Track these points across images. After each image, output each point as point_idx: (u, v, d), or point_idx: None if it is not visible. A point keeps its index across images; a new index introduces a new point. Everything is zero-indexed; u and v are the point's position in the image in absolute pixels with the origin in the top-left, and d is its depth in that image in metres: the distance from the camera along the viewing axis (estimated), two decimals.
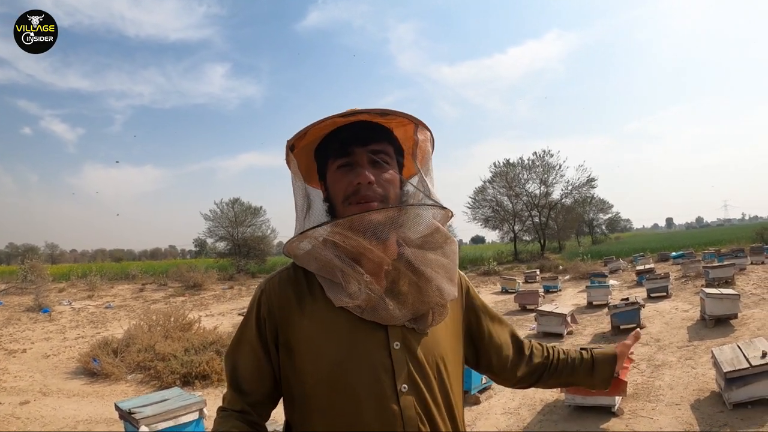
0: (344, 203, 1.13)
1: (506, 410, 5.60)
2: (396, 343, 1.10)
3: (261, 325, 1.16)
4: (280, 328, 1.14)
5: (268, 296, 1.17)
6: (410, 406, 1.07)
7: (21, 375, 8.30)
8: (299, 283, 1.18)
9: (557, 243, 40.05)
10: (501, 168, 37.33)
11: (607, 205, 58.56)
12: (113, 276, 30.06)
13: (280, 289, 1.17)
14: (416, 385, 1.09)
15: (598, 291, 12.71)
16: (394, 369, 1.08)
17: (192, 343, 8.47)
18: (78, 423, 5.96)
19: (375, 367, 1.08)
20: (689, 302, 11.08)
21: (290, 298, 1.15)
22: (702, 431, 4.51)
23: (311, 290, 1.16)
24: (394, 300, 1.12)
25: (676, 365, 6.59)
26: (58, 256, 72.93)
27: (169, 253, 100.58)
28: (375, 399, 1.06)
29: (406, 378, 1.09)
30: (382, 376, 1.08)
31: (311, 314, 1.13)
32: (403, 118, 1.18)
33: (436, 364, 1.14)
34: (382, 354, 1.09)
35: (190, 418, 4.85)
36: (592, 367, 1.38)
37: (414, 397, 1.09)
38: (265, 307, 1.16)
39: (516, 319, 11.90)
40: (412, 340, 1.12)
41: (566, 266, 23.60)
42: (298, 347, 1.11)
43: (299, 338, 1.12)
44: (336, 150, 1.16)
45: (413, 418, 1.07)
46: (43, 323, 14.05)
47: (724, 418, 4.70)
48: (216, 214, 35.88)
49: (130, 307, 17.85)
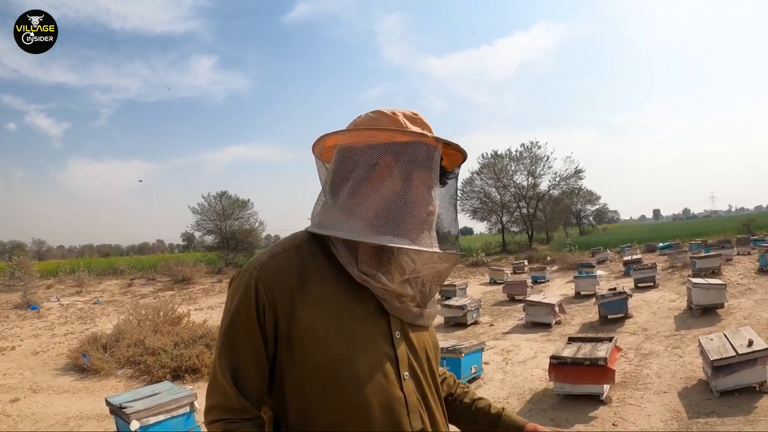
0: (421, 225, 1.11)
1: (495, 399, 5.64)
2: (397, 332, 1.12)
3: (260, 317, 1.05)
4: (280, 319, 1.05)
5: (265, 284, 1.06)
6: (412, 392, 1.10)
7: (10, 372, 8.23)
8: (303, 268, 1.09)
9: (545, 234, 40.31)
10: (489, 159, 37.51)
11: (594, 197, 58.80)
12: (101, 271, 29.91)
13: (279, 277, 1.07)
14: (414, 372, 1.13)
15: (585, 281, 12.84)
16: (398, 357, 1.11)
17: (182, 337, 8.44)
18: (69, 419, 5.92)
19: (381, 358, 1.08)
20: (676, 292, 11.22)
21: (291, 286, 1.06)
22: (689, 418, 4.57)
23: (320, 272, 1.10)
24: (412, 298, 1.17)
25: (663, 354, 6.68)
26: (45, 253, 72.34)
27: (157, 247, 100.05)
28: (382, 388, 1.07)
29: (407, 366, 1.11)
30: (388, 365, 1.09)
31: (313, 303, 1.06)
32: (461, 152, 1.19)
33: (426, 354, 1.18)
34: (386, 343, 1.10)
35: (181, 411, 4.86)
36: (495, 423, 1.31)
37: (413, 383, 1.12)
38: (263, 297, 1.05)
39: (504, 309, 11.99)
40: (408, 330, 1.16)
41: (554, 257, 23.75)
42: (300, 339, 1.05)
43: (300, 329, 1.05)
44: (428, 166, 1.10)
45: (414, 403, 1.10)
46: (31, 320, 13.97)
47: (711, 406, 4.77)
48: (204, 208, 35.85)
49: (119, 302, 17.76)
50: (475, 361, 6.36)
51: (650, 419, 4.67)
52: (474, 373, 6.29)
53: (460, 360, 5.96)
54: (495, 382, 6.28)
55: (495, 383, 6.25)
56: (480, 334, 9.46)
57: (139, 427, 4.54)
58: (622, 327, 8.61)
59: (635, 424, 4.59)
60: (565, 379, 5.27)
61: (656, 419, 4.66)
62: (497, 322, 10.54)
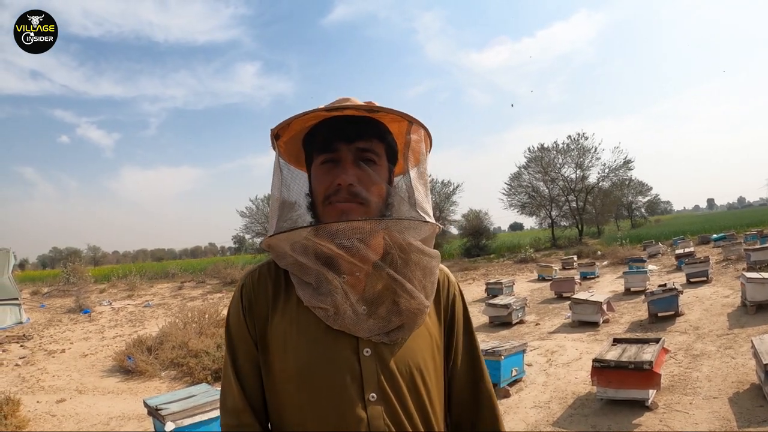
0: (324, 203, 1.07)
1: (536, 404, 5.46)
2: (366, 349, 1.04)
3: (246, 320, 1.11)
4: (257, 323, 1.10)
5: (248, 291, 1.12)
6: (378, 417, 1.00)
7: (59, 374, 8.49)
8: (278, 278, 1.13)
9: (596, 228, 39.31)
10: (535, 153, 36.79)
11: (645, 188, 57.02)
12: (153, 275, 30.75)
13: (259, 284, 1.12)
14: (386, 396, 1.02)
15: (635, 277, 12.39)
16: (363, 376, 1.02)
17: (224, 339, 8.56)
18: (111, 419, 6.06)
19: (342, 372, 1.02)
20: (730, 287, 10.69)
21: (267, 293, 1.11)
22: (739, 427, 4.27)
23: (287, 286, 1.11)
24: (368, 306, 1.05)
25: (715, 355, 6.33)
26: (100, 258, 75.08)
27: (209, 250, 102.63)
28: (340, 405, 1.00)
29: (375, 387, 1.02)
30: (349, 383, 1.01)
31: (283, 312, 1.08)
32: (396, 115, 1.08)
33: (410, 375, 1.06)
34: (351, 359, 1.03)
35: (216, 414, 4.88)
36: None
37: (383, 407, 1.01)
38: (246, 301, 1.11)
39: (552, 307, 11.69)
40: (384, 348, 1.05)
41: (604, 251, 23.09)
42: (271, 344, 1.07)
43: (272, 335, 1.07)
44: (320, 144, 1.09)
45: (381, 428, 1.00)
46: (83, 323, 14.41)
47: (764, 414, 4.43)
48: (252, 211, 36.21)
49: (168, 305, 18.17)
50: (516, 363, 6.17)
51: (697, 427, 4.38)
52: (515, 376, 6.11)
53: (500, 363, 5.78)
54: (537, 386, 6.09)
55: (537, 386, 6.05)
56: (525, 333, 9.22)
57: (174, 429, 4.60)
58: (673, 325, 8.24)
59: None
60: (609, 383, 5.03)
61: (704, 427, 4.37)
62: (543, 321, 10.26)
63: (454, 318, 1.21)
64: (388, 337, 1.05)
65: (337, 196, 1.05)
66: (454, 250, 35.19)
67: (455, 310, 1.21)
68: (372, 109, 1.06)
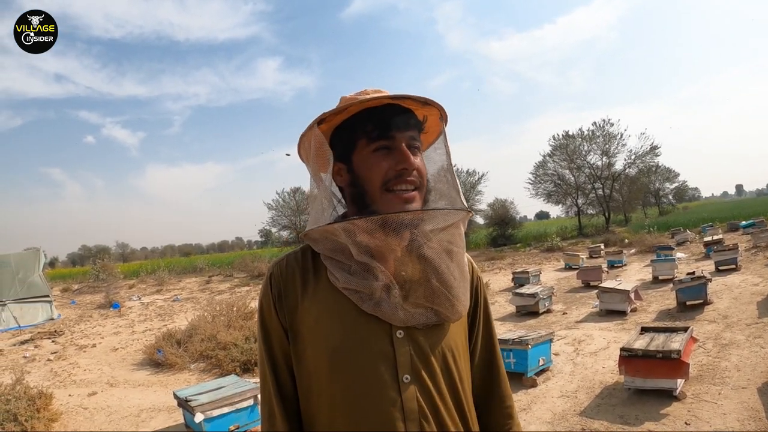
0: (383, 188, 1.07)
1: (563, 393, 5.44)
2: (399, 331, 1.05)
3: (276, 309, 1.12)
4: (287, 311, 1.11)
5: (277, 280, 1.13)
6: (412, 398, 1.02)
7: (90, 368, 8.68)
8: (306, 265, 1.14)
9: (623, 215, 38.76)
10: (560, 141, 36.32)
11: (673, 174, 55.78)
12: (181, 270, 31.18)
13: (288, 272, 1.14)
14: (420, 377, 1.04)
15: (663, 265, 12.21)
16: (396, 358, 1.04)
17: (253, 331, 8.62)
18: (141, 411, 6.18)
19: (374, 355, 1.04)
20: (759, 275, 10.49)
21: (296, 281, 1.12)
22: None
23: (317, 273, 1.13)
24: (402, 290, 1.06)
25: (744, 344, 6.23)
26: (129, 255, 76.34)
27: (236, 244, 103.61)
28: (373, 387, 1.02)
29: (408, 369, 1.04)
30: (382, 365, 1.03)
31: (314, 297, 1.10)
32: (438, 109, 1.14)
33: (443, 356, 1.09)
34: (383, 341, 1.05)
35: (244, 404, 4.99)
36: None
37: (417, 388, 1.04)
38: (275, 291, 1.12)
39: (579, 296, 11.59)
40: (417, 330, 1.07)
41: (632, 239, 22.74)
42: (302, 330, 1.09)
43: (303, 320, 1.09)
44: (374, 131, 1.09)
45: (414, 410, 1.02)
46: (113, 318, 14.70)
47: None
48: (278, 204, 36.38)
49: (197, 299, 18.43)
50: (544, 353, 6.15)
51: (726, 418, 4.32)
52: (542, 365, 6.09)
53: (527, 352, 5.77)
54: (564, 375, 6.06)
55: (564, 376, 6.03)
56: (552, 323, 9.16)
57: (204, 420, 4.71)
58: (701, 314, 8.12)
59: (709, 424, 4.26)
60: (636, 372, 4.99)
61: (732, 418, 4.31)
62: (570, 310, 10.18)
63: (479, 300, 1.25)
64: (422, 322, 1.07)
65: (399, 181, 1.06)
66: (481, 239, 35.07)
67: (479, 293, 1.25)
68: (427, 101, 1.10)
